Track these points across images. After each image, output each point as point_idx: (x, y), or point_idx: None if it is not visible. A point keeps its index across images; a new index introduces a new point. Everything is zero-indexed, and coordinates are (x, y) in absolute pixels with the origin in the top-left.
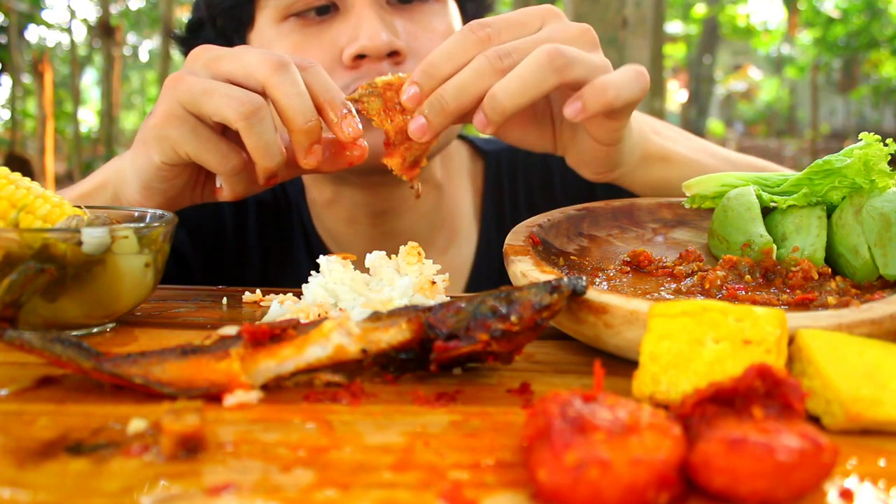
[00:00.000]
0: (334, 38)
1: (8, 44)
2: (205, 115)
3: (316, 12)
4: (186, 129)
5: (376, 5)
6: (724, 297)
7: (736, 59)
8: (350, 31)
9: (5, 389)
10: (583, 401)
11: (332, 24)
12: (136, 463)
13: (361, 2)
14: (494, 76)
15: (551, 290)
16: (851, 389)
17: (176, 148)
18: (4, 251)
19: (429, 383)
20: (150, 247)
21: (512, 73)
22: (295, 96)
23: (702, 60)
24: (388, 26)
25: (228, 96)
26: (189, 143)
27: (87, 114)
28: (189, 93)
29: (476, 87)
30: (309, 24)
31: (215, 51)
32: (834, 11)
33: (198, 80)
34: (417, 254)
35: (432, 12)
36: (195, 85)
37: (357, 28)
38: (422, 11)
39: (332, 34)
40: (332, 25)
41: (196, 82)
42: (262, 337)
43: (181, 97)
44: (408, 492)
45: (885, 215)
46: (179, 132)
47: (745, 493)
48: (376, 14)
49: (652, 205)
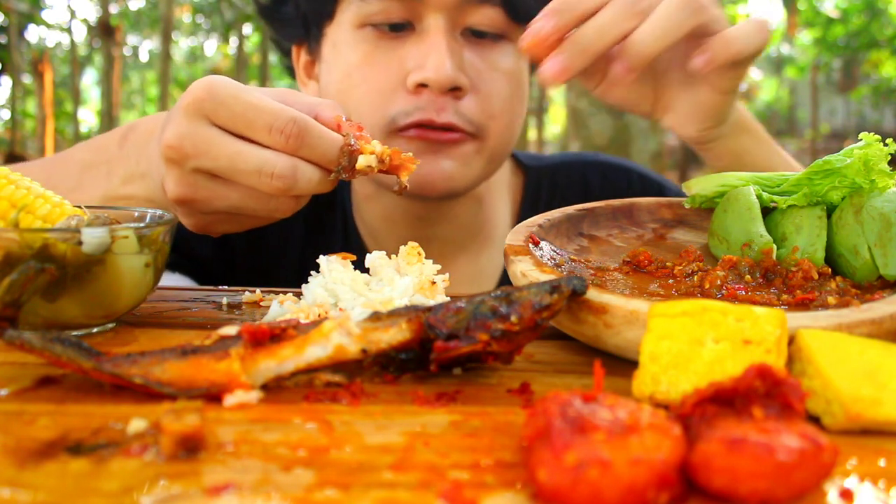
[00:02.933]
0: (403, 59)
1: (8, 44)
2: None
3: (391, 28)
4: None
5: (449, 35)
6: (724, 297)
7: None
8: (419, 56)
9: (5, 389)
10: (583, 401)
11: (405, 43)
12: (136, 463)
13: (436, 29)
14: (634, 19)
15: (551, 290)
16: (851, 389)
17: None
18: (4, 251)
19: (429, 383)
20: (150, 247)
21: (653, 16)
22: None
23: None
24: (455, 59)
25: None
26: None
27: (87, 114)
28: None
29: (617, 28)
30: (383, 37)
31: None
32: (834, 11)
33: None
34: (417, 254)
35: (503, 52)
36: (219, 156)
37: (426, 56)
38: (492, 49)
39: (402, 54)
40: (404, 44)
41: (220, 152)
42: (262, 337)
43: (199, 166)
44: (408, 492)
45: (885, 215)
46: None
47: (745, 493)
48: (447, 45)
49: (652, 205)
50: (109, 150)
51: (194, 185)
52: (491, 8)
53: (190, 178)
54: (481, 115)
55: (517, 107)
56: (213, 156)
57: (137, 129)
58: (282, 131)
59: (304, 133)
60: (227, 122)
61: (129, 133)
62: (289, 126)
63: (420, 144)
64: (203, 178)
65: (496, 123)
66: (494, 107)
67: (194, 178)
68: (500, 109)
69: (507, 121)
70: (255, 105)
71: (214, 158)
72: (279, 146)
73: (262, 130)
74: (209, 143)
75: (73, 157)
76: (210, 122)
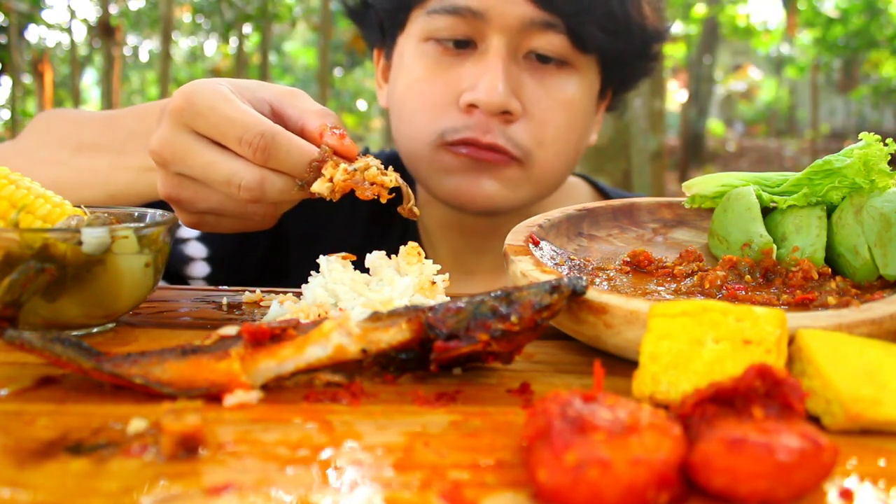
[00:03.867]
0: (460, 77)
1: (8, 44)
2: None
3: (455, 45)
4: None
5: (508, 58)
6: (724, 297)
7: (736, 59)
8: (475, 76)
9: (5, 389)
10: (583, 401)
11: (465, 62)
12: (136, 463)
13: (496, 50)
14: None
15: (551, 290)
16: (851, 389)
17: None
18: (4, 251)
19: (429, 383)
20: (150, 247)
21: None
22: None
23: (702, 60)
24: (510, 82)
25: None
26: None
27: None
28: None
29: None
30: (445, 53)
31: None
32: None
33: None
34: (417, 254)
35: (564, 80)
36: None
37: (481, 76)
38: (554, 76)
39: (460, 72)
40: (464, 62)
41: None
42: (262, 337)
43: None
44: (408, 492)
45: (885, 215)
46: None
47: (745, 493)
48: (503, 68)
49: (652, 205)
50: (150, 122)
51: (178, 186)
52: (555, 35)
53: (174, 180)
54: (530, 141)
55: (571, 136)
56: (189, 164)
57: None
58: (250, 143)
59: (271, 146)
60: (204, 130)
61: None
62: (256, 139)
63: (465, 161)
64: (186, 181)
65: (544, 151)
66: (545, 134)
67: (178, 180)
68: (551, 137)
69: (557, 149)
70: (228, 117)
71: (190, 167)
72: (248, 157)
73: (233, 142)
74: (185, 152)
75: (120, 123)
76: (190, 129)
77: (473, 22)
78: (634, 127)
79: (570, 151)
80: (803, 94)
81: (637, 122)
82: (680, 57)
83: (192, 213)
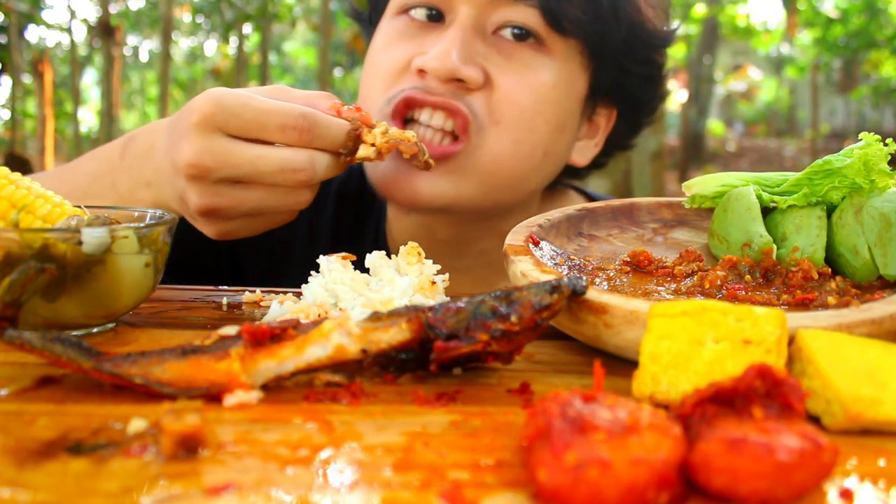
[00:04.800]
0: (420, 46)
1: (8, 44)
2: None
3: (427, 18)
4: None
5: (473, 29)
6: (724, 297)
7: (736, 59)
8: (432, 45)
9: (5, 389)
10: (583, 401)
11: (430, 33)
12: (136, 463)
13: (460, 21)
14: None
15: (551, 290)
16: (851, 389)
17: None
18: (4, 251)
19: (429, 383)
20: (150, 247)
21: None
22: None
23: (702, 60)
24: (467, 51)
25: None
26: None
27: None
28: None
29: None
30: (412, 23)
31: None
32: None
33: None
34: (417, 254)
35: (536, 60)
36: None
37: (437, 44)
38: (524, 54)
39: (422, 42)
40: (429, 33)
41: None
42: (262, 337)
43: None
44: (408, 492)
45: (885, 215)
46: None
47: (745, 493)
48: (462, 36)
49: (652, 205)
50: (112, 161)
51: (217, 194)
52: (525, 7)
53: (213, 189)
54: (487, 115)
55: (536, 125)
56: (235, 164)
57: (136, 141)
58: (294, 128)
59: (314, 125)
60: (239, 129)
61: (130, 143)
62: (299, 122)
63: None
64: (226, 187)
65: (500, 133)
66: (505, 112)
67: (217, 188)
68: (511, 117)
69: (516, 137)
70: (264, 109)
71: (237, 166)
72: (293, 142)
73: (275, 131)
74: (228, 154)
75: (80, 168)
76: (223, 133)
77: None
78: None
79: (535, 144)
80: (803, 94)
81: None
82: (680, 57)
83: (228, 220)
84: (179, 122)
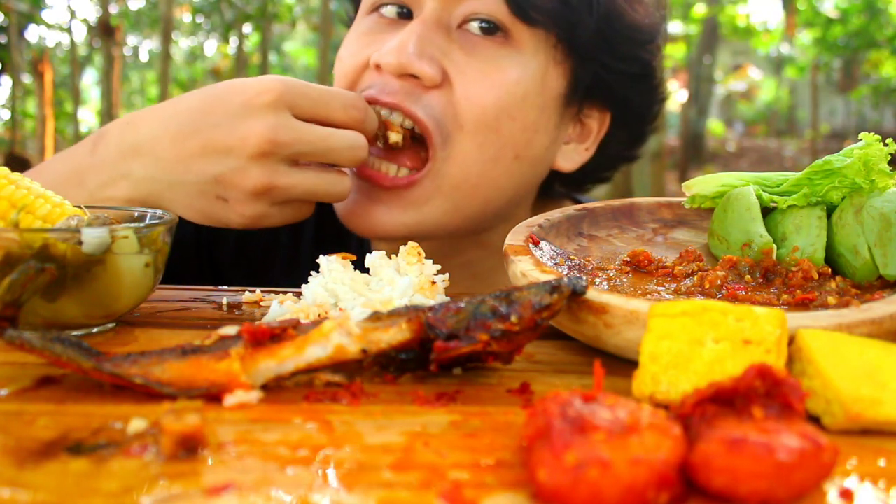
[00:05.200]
0: (383, 42)
1: (8, 44)
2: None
3: (398, 16)
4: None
5: (435, 24)
6: (724, 297)
7: (736, 59)
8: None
9: (5, 389)
10: (583, 401)
11: (397, 30)
12: (136, 463)
13: (423, 15)
14: None
15: (551, 290)
16: (851, 389)
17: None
18: (4, 251)
19: (429, 383)
20: (150, 247)
21: None
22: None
23: (702, 60)
24: (429, 47)
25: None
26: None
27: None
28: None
29: None
30: (382, 21)
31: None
32: (833, 12)
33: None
34: (417, 254)
35: (500, 54)
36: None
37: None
38: (487, 49)
39: (386, 38)
40: (396, 30)
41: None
42: (262, 337)
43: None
44: (408, 492)
45: (885, 215)
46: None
47: (745, 493)
48: (421, 31)
49: (652, 205)
50: (79, 158)
51: (276, 172)
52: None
53: (275, 167)
54: (448, 116)
55: (504, 126)
56: (308, 140)
57: (108, 135)
58: (355, 107)
59: (367, 108)
60: (306, 110)
61: (100, 140)
62: (359, 101)
63: (363, 184)
64: (286, 166)
65: (463, 138)
66: (466, 114)
67: (279, 166)
68: (474, 119)
69: (482, 140)
70: (328, 90)
71: (309, 142)
72: (356, 120)
73: (339, 110)
74: (300, 131)
75: (47, 169)
76: (292, 112)
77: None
78: None
79: (503, 146)
80: (803, 94)
81: None
82: (680, 57)
83: (272, 203)
84: (231, 103)
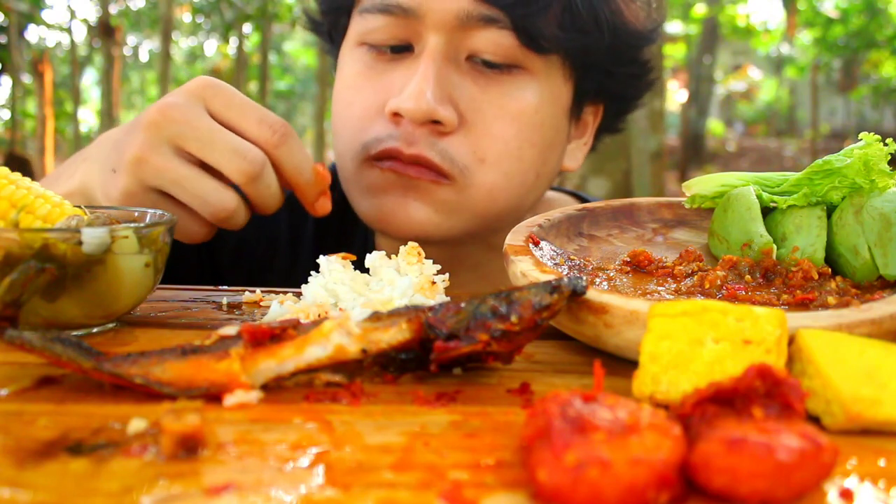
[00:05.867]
0: (390, 83)
1: (8, 44)
2: (202, 161)
3: (391, 50)
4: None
5: (444, 59)
6: (724, 297)
7: (736, 59)
8: (405, 80)
9: (5, 389)
10: (583, 401)
11: (399, 66)
12: (136, 463)
13: (429, 51)
14: None
15: (551, 290)
16: (851, 389)
17: (159, 184)
18: (4, 251)
19: (429, 383)
20: (150, 247)
21: None
22: (303, 160)
23: (702, 60)
24: (442, 88)
25: (234, 152)
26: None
27: (87, 114)
28: (191, 132)
29: None
30: (379, 58)
31: (225, 94)
32: (833, 12)
33: (202, 121)
34: (417, 254)
35: (514, 85)
36: (199, 127)
37: (410, 81)
38: (501, 82)
39: (392, 77)
40: (397, 67)
41: (201, 124)
42: (262, 337)
43: (177, 135)
44: (408, 492)
45: (885, 215)
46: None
47: (745, 493)
48: (435, 71)
49: (652, 205)
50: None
51: (156, 148)
52: (498, 30)
53: (157, 144)
54: (469, 156)
55: (525, 153)
56: (195, 126)
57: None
58: (270, 125)
59: (289, 137)
60: (220, 108)
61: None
62: (277, 123)
63: (389, 178)
64: (167, 147)
65: (487, 170)
66: (488, 149)
67: (161, 145)
68: (496, 153)
69: (505, 169)
70: (249, 101)
71: (195, 128)
72: (264, 138)
73: (252, 120)
74: (198, 119)
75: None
76: (204, 106)
77: (407, 21)
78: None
79: (526, 172)
80: (803, 94)
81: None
82: (680, 57)
83: (150, 188)
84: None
